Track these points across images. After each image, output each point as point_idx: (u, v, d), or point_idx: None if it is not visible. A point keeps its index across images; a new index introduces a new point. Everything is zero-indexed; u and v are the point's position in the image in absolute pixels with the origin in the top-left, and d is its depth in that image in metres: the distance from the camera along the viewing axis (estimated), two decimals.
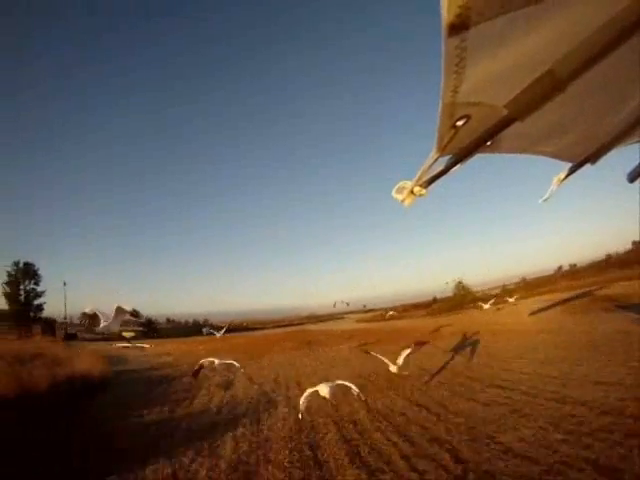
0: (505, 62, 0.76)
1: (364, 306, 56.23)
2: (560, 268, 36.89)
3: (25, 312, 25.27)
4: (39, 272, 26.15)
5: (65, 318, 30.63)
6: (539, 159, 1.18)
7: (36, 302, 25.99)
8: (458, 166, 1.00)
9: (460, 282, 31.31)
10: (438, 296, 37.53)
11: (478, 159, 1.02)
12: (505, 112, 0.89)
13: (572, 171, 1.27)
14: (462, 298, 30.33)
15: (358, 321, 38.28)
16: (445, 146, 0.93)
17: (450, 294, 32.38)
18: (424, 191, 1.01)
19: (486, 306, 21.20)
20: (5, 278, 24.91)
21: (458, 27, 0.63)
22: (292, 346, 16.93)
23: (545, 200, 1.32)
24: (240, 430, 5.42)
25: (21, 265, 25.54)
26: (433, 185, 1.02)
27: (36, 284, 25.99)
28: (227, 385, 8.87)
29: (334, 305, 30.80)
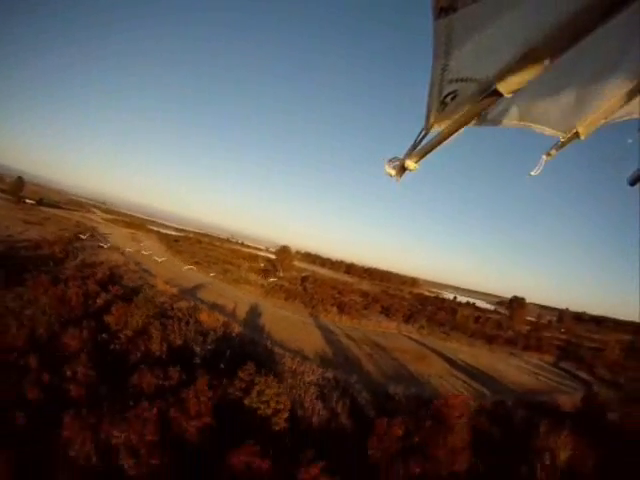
0: (492, 40, 0.78)
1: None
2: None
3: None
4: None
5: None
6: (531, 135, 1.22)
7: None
8: (447, 141, 1.05)
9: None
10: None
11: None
12: (492, 87, 0.92)
13: (561, 146, 1.30)
14: None
15: None
16: (434, 122, 0.97)
17: None
18: (414, 166, 1.06)
19: None
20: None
21: (447, 9, 0.66)
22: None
23: (534, 174, 1.35)
24: None
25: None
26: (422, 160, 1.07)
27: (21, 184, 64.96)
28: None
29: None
